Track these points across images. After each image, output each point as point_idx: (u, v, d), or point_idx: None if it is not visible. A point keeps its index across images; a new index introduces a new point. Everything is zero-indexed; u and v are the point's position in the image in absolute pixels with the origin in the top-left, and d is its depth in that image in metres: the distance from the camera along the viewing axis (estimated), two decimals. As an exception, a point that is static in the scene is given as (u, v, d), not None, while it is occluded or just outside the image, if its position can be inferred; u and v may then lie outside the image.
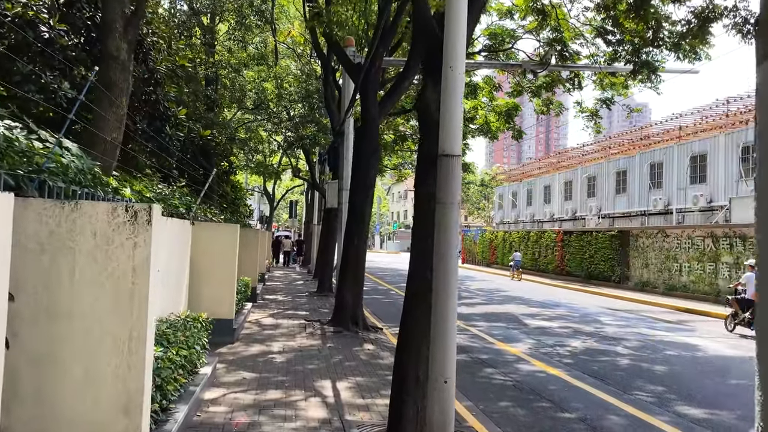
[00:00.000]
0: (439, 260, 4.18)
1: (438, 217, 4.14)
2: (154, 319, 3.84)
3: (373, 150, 10.63)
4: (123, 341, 3.45)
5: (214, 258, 8.97)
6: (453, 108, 4.03)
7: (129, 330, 3.46)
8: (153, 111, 11.56)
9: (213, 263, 8.96)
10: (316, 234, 27.76)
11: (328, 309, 14.24)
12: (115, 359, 3.42)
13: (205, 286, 8.92)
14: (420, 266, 4.78)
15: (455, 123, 4.08)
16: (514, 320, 14.51)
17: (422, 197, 4.77)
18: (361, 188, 10.66)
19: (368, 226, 10.73)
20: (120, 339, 3.44)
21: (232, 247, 9.03)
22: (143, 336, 3.48)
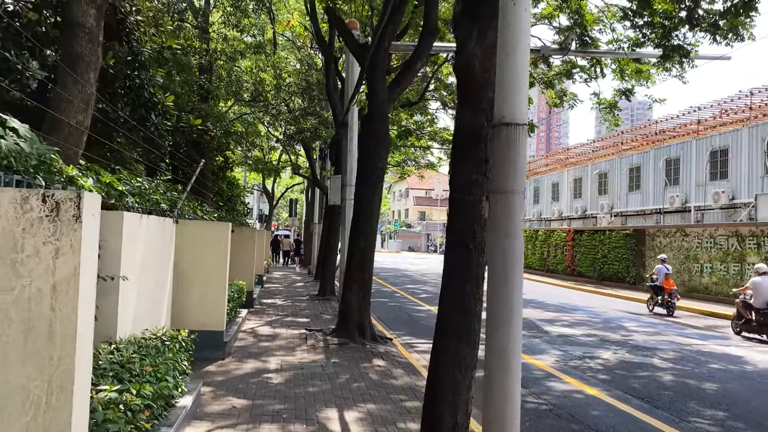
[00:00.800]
0: (496, 279, 3.05)
1: (495, 214, 3.00)
2: (88, 356, 2.69)
3: (382, 138, 9.48)
4: (38, 396, 2.31)
5: (201, 261, 7.82)
6: (517, 58, 2.90)
7: (47, 380, 2.32)
8: (137, 97, 10.41)
9: (201, 267, 7.82)
10: (317, 233, 26.61)
11: (330, 315, 13.10)
12: (24, 424, 2.28)
13: (192, 293, 7.78)
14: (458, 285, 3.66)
15: (520, 78, 2.95)
16: (533, 327, 13.37)
17: (460, 188, 3.64)
18: (368, 182, 9.51)
19: (377, 224, 9.59)
20: (33, 394, 2.30)
21: (222, 248, 7.89)
22: (69, 385, 2.34)
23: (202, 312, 7.81)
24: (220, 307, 7.90)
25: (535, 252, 32.78)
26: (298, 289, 19.57)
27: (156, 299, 6.63)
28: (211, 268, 7.87)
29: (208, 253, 7.86)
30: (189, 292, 7.77)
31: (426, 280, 27.17)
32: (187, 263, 7.76)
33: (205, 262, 7.84)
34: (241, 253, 13.18)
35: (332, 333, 9.41)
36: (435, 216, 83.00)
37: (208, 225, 8.02)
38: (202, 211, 10.79)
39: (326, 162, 23.75)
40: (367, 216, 9.44)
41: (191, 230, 7.80)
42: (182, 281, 7.71)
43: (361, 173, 9.72)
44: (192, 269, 7.78)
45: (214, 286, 7.89)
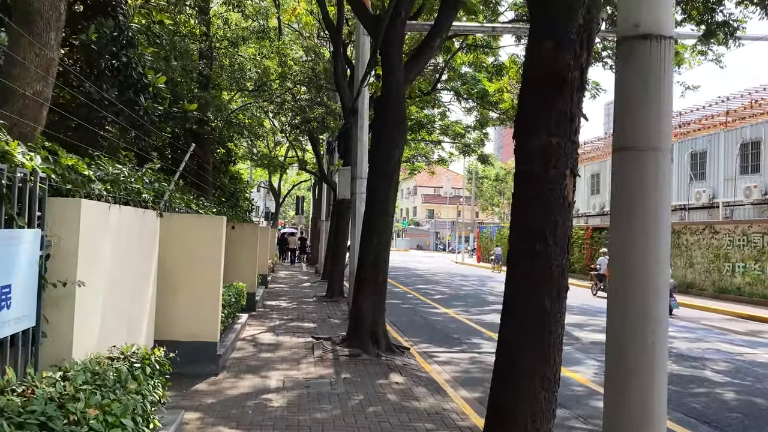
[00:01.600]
0: (630, 280, 1.91)
1: (627, 180, 1.87)
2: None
3: (398, 122, 8.35)
4: None
5: (192, 261, 6.74)
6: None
7: None
8: (124, 78, 9.33)
9: (191, 268, 6.74)
10: (325, 230, 25.54)
11: (339, 319, 12.01)
12: None
13: (180, 299, 6.70)
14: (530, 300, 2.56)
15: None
16: (560, 332, 12.21)
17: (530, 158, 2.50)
18: (382, 172, 8.38)
19: (392, 220, 8.48)
20: None
21: (216, 246, 6.80)
22: None
23: (191, 321, 6.72)
24: (213, 314, 6.81)
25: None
26: (304, 289, 18.50)
27: (133, 308, 5.55)
28: (203, 268, 6.78)
29: (199, 251, 6.77)
30: (176, 298, 6.68)
31: (438, 280, 26.04)
32: (175, 263, 6.68)
33: (196, 262, 6.76)
34: (242, 252, 12.11)
35: (342, 342, 8.30)
36: (443, 214, 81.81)
37: (198, 219, 6.93)
38: (197, 205, 9.70)
39: (334, 156, 22.64)
40: (381, 210, 8.32)
41: (179, 225, 6.72)
42: (168, 285, 6.63)
43: (374, 163, 8.60)
44: (180, 270, 6.70)
45: (207, 290, 6.80)
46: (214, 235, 6.79)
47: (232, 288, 9.05)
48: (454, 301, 17.58)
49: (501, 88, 21.15)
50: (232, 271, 11.80)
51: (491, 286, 23.75)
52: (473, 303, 17.12)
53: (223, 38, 15.73)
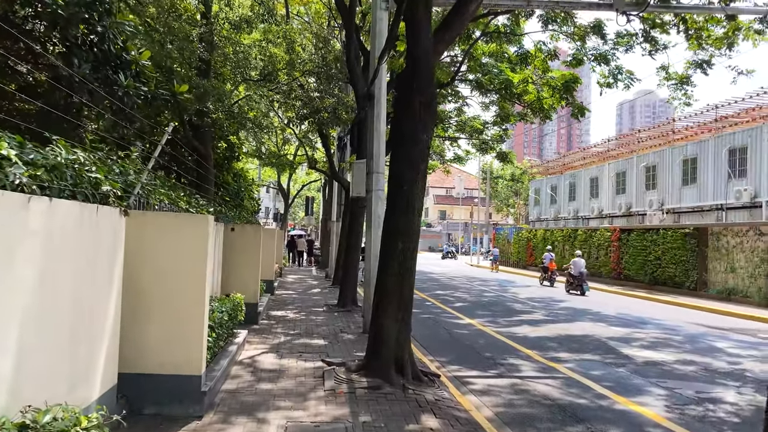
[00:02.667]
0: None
1: None
2: None
3: (426, 101, 6.84)
4: None
5: (169, 271, 5.27)
6: None
7: None
8: (100, 52, 7.89)
9: (167, 280, 5.27)
10: (335, 232, 24.08)
11: (353, 334, 10.52)
12: None
13: (153, 322, 5.23)
14: None
15: None
16: (606, 349, 10.66)
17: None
18: (407, 162, 6.87)
19: (420, 219, 6.96)
20: None
21: (200, 252, 5.32)
22: None
23: (169, 349, 5.25)
24: (196, 340, 5.33)
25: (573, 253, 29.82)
26: (314, 296, 17.01)
27: (81, 338, 4.09)
28: (184, 281, 5.31)
29: (179, 259, 5.31)
30: (149, 320, 5.22)
31: (456, 285, 24.47)
32: (147, 275, 5.21)
33: (175, 273, 5.29)
34: (242, 257, 10.67)
35: (359, 369, 6.79)
36: (456, 215, 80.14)
37: (177, 219, 5.45)
38: (188, 203, 8.24)
39: (345, 153, 21.15)
40: (407, 208, 6.80)
41: (153, 226, 5.25)
42: (139, 303, 5.17)
43: (397, 151, 7.08)
44: (154, 284, 5.23)
45: (189, 309, 5.32)
46: (199, 238, 5.32)
47: (226, 302, 7.58)
48: (478, 309, 16.03)
49: (526, 78, 19.57)
50: (231, 279, 10.36)
51: (514, 291, 22.15)
52: (499, 312, 15.56)
53: (225, 21, 14.30)
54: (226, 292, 10.28)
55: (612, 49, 17.99)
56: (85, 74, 7.27)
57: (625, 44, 17.03)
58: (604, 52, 17.89)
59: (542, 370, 8.81)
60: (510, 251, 38.72)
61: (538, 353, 10.08)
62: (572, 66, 18.84)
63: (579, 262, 21.71)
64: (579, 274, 21.46)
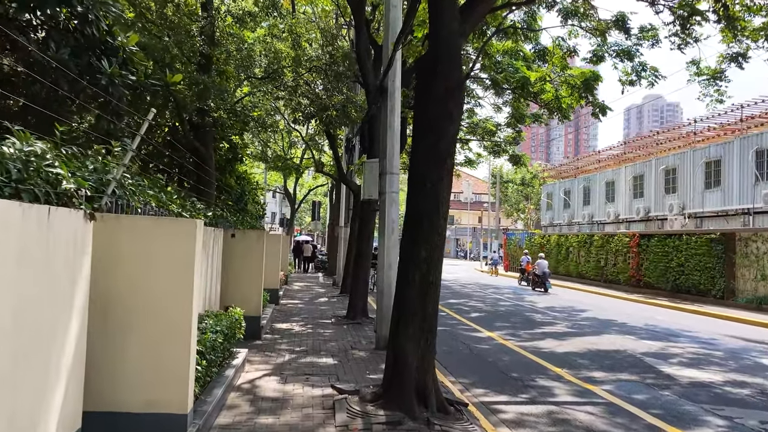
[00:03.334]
0: None
1: None
2: None
3: (452, 87, 5.91)
4: None
5: (148, 286, 4.36)
6: None
7: None
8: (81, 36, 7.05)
9: (147, 297, 4.35)
10: (343, 238, 23.16)
11: (365, 351, 9.57)
12: None
13: (129, 347, 4.31)
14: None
15: None
16: (643, 367, 9.66)
17: None
18: (431, 157, 5.93)
19: (446, 225, 6.00)
20: None
21: (185, 265, 4.40)
22: None
23: (148, 381, 4.33)
24: (180, 370, 4.40)
25: (589, 259, 28.79)
26: (321, 306, 16.07)
27: (26, 374, 3.16)
28: (167, 299, 4.39)
29: (161, 272, 4.39)
30: (123, 347, 4.30)
31: (470, 293, 23.47)
32: (121, 291, 4.30)
33: (156, 290, 4.37)
34: (244, 265, 9.76)
35: (376, 399, 5.83)
36: (464, 220, 79.08)
37: (158, 223, 4.51)
38: (181, 206, 7.31)
39: (353, 155, 20.31)
40: (431, 209, 5.85)
41: (130, 232, 4.34)
42: (110, 325, 4.25)
43: (420, 144, 6.14)
44: (130, 302, 4.32)
45: (173, 332, 4.40)
46: (184, 246, 4.40)
47: (222, 318, 6.65)
48: (496, 320, 15.04)
49: (543, 77, 18.62)
50: (231, 290, 9.45)
51: (530, 300, 21.13)
52: (519, 324, 14.57)
53: (227, 13, 13.45)
54: (226, 304, 9.38)
55: (635, 45, 17.03)
56: (64, 60, 6.40)
57: (651, 38, 16.06)
58: (627, 47, 16.92)
59: (579, 394, 7.82)
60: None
61: (570, 372, 9.09)
62: (592, 63, 17.90)
63: (543, 263, 24.71)
64: (543, 273, 24.30)
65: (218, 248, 9.21)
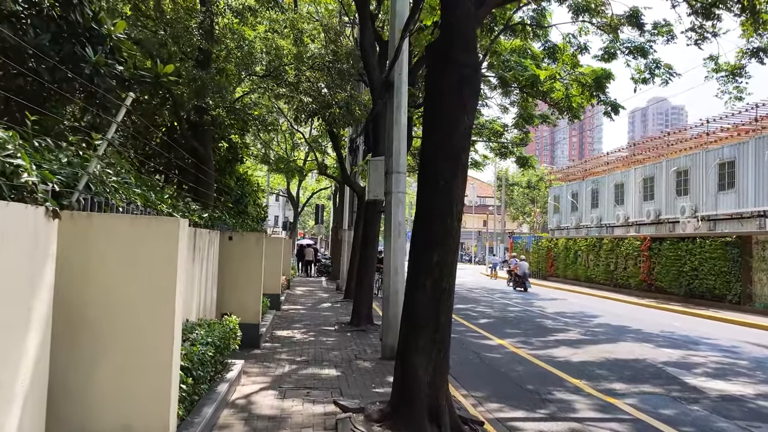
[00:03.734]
0: None
1: None
2: None
3: (467, 77, 5.36)
4: None
5: (124, 294, 3.81)
6: None
7: None
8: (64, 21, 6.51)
9: (120, 308, 3.81)
10: (347, 241, 22.61)
11: (370, 361, 9.00)
12: None
13: (102, 363, 3.76)
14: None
15: None
16: (666, 378, 9.06)
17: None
18: (444, 152, 5.37)
19: (459, 226, 5.44)
20: None
21: (166, 269, 3.85)
22: None
23: (122, 403, 3.77)
24: (160, 389, 3.84)
25: (598, 263, 28.16)
26: (324, 312, 15.51)
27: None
28: (145, 308, 3.84)
29: (138, 278, 3.84)
30: (94, 364, 3.75)
31: (476, 298, 22.86)
32: (93, 300, 3.75)
33: (132, 298, 3.82)
34: (241, 270, 9.22)
35: (384, 419, 5.26)
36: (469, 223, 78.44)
37: (137, 223, 3.94)
38: (173, 206, 6.76)
39: (357, 156, 19.77)
40: (444, 209, 5.29)
41: (103, 233, 3.79)
42: (80, 339, 3.70)
43: (431, 138, 5.58)
44: (102, 314, 3.77)
45: (151, 347, 3.85)
46: (165, 248, 3.85)
47: (216, 328, 6.09)
48: (506, 327, 14.45)
49: (553, 75, 18.06)
50: (228, 296, 8.91)
51: (539, 305, 20.52)
52: (530, 330, 13.98)
53: (226, 7, 12.94)
54: (223, 311, 8.83)
55: (649, 41, 16.45)
56: (43, 46, 5.87)
57: (666, 34, 15.48)
58: (640, 44, 16.35)
59: (601, 409, 7.24)
60: (529, 261, 36.97)
61: (589, 384, 8.51)
62: (604, 60, 17.35)
63: (523, 265, 26.93)
64: (523, 274, 26.51)
65: (214, 252, 8.67)
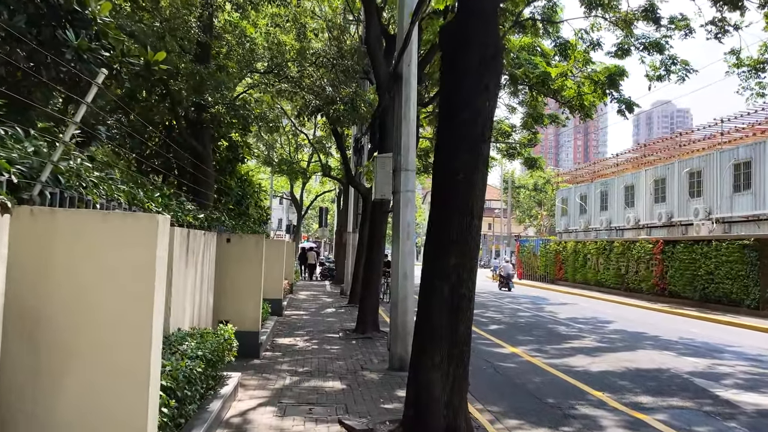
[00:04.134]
0: None
1: None
2: None
3: (489, 56, 4.78)
4: None
5: (89, 305, 3.23)
6: None
7: None
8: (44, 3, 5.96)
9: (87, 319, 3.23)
10: (351, 244, 22.04)
11: (378, 373, 8.41)
12: None
13: (67, 383, 3.18)
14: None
15: None
16: (695, 390, 8.44)
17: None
18: (462, 142, 4.78)
19: (480, 225, 4.85)
20: None
21: (143, 275, 3.28)
22: None
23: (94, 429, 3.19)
24: (135, 417, 3.26)
25: (609, 267, 27.49)
26: (328, 318, 14.92)
27: None
28: (116, 320, 3.26)
29: (109, 284, 3.27)
30: (58, 385, 3.17)
31: (485, 303, 22.23)
32: (55, 312, 3.17)
33: (102, 308, 3.24)
34: (240, 275, 8.65)
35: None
36: (474, 227, 77.63)
37: (108, 220, 3.35)
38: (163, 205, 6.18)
39: (362, 156, 19.23)
40: (463, 206, 4.70)
41: (68, 232, 3.22)
42: (40, 357, 3.13)
43: (448, 126, 4.99)
44: (65, 327, 3.19)
45: (125, 365, 3.27)
46: (141, 248, 3.27)
47: (207, 340, 5.50)
48: (518, 333, 13.84)
49: (564, 72, 17.46)
50: (226, 302, 8.33)
51: (550, 310, 19.89)
52: (543, 337, 13.36)
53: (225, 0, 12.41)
54: (221, 318, 8.26)
55: (664, 37, 15.84)
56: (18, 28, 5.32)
57: (683, 28, 14.88)
58: (656, 39, 15.74)
59: (630, 426, 6.62)
60: (536, 265, 36.33)
61: (612, 397, 7.89)
62: (617, 57, 16.75)
63: (507, 266, 29.85)
64: (507, 275, 28.98)
65: (210, 255, 8.10)
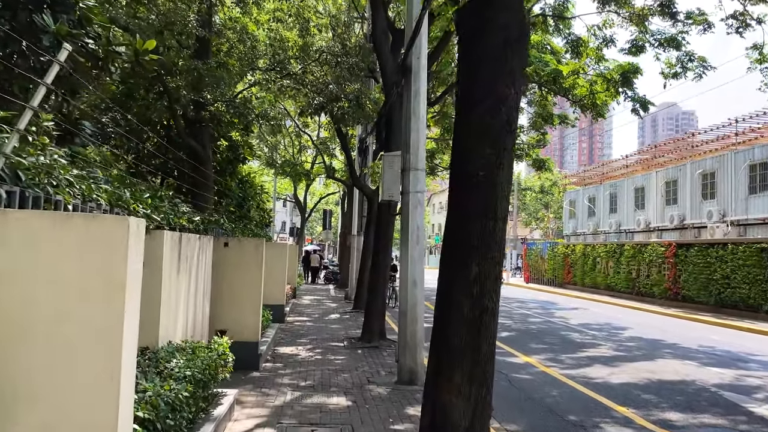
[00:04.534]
0: None
1: None
2: None
3: (515, 37, 4.23)
4: None
5: (51, 326, 2.69)
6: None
7: None
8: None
9: (46, 342, 2.68)
10: (356, 247, 21.49)
11: (386, 387, 7.84)
12: None
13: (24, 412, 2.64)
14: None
15: None
16: (726, 406, 7.86)
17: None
18: (484, 136, 4.22)
19: (505, 226, 4.28)
20: None
21: (109, 288, 2.73)
22: None
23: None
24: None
25: (619, 270, 26.85)
26: (332, 324, 14.36)
27: None
28: (78, 343, 2.72)
29: (71, 299, 2.72)
30: (14, 418, 2.63)
31: (493, 307, 21.63)
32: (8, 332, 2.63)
33: (61, 328, 2.70)
34: (238, 281, 8.11)
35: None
36: (479, 229, 77.08)
37: (67, 222, 2.81)
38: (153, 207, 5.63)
39: (367, 157, 18.72)
40: (485, 208, 4.15)
41: (23, 237, 2.68)
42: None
43: (466, 118, 4.44)
44: (16, 350, 2.65)
45: (89, 399, 2.72)
46: (107, 257, 2.74)
47: (198, 356, 4.95)
48: (530, 341, 13.26)
49: (576, 69, 16.89)
50: (223, 310, 7.80)
51: (561, 315, 19.28)
52: (557, 345, 12.77)
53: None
54: (218, 328, 7.73)
55: (681, 32, 15.26)
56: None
57: (702, 23, 14.31)
58: (672, 35, 15.16)
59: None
60: (544, 268, 35.71)
61: (638, 413, 7.31)
62: (631, 54, 16.18)
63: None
64: None
65: (207, 260, 7.57)
